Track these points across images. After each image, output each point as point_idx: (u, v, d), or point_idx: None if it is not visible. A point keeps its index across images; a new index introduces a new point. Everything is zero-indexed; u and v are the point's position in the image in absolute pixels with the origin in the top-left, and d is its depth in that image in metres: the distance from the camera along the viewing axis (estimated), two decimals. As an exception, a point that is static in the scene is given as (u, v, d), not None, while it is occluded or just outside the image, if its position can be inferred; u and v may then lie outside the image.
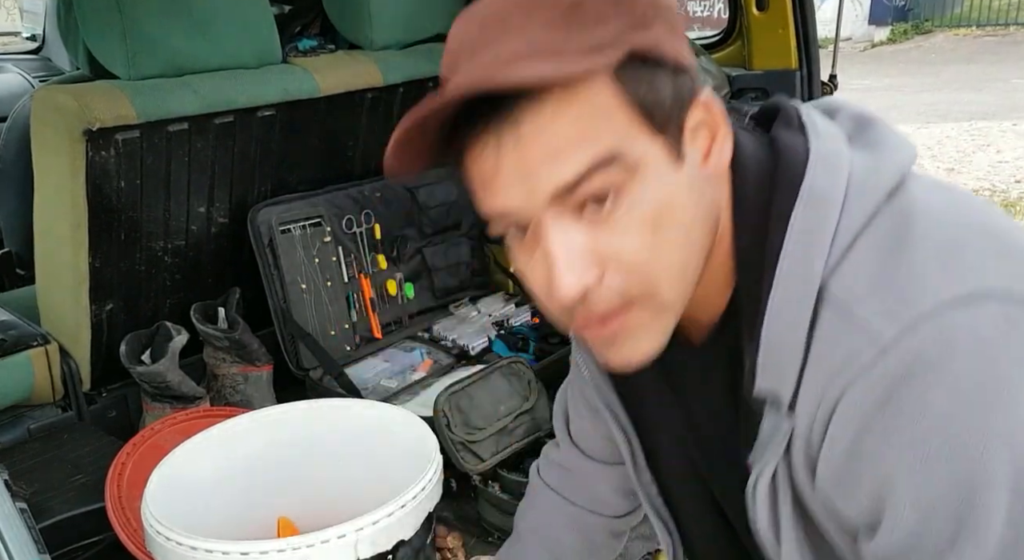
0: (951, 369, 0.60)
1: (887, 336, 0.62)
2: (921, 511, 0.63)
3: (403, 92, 2.28)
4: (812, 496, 0.71)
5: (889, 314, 0.63)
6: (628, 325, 0.70)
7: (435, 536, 1.34)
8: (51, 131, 1.70)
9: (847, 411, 0.64)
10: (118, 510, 1.45)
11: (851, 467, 0.66)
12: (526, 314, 2.44)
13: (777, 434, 0.70)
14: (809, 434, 0.68)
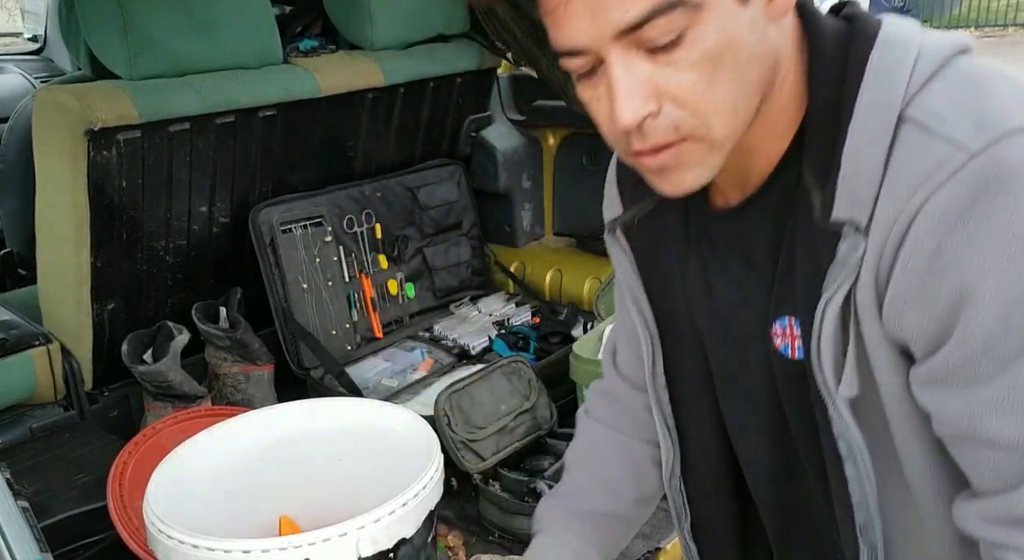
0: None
1: (976, 145, 0.65)
2: (1003, 307, 0.65)
3: (404, 92, 2.28)
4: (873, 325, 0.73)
5: (976, 129, 0.65)
6: (679, 157, 0.73)
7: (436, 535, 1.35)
8: (53, 131, 1.70)
9: (932, 215, 0.66)
10: (120, 509, 1.46)
11: (932, 272, 0.67)
12: (526, 314, 2.44)
13: (853, 255, 0.71)
14: (881, 254, 0.70)
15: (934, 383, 0.71)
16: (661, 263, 0.94)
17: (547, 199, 2.70)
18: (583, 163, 2.58)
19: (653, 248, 0.94)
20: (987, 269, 0.65)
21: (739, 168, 0.80)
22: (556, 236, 2.71)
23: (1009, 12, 13.04)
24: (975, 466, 0.72)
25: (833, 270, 0.73)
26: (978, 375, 0.68)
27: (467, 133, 2.56)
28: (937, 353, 0.70)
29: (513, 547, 1.64)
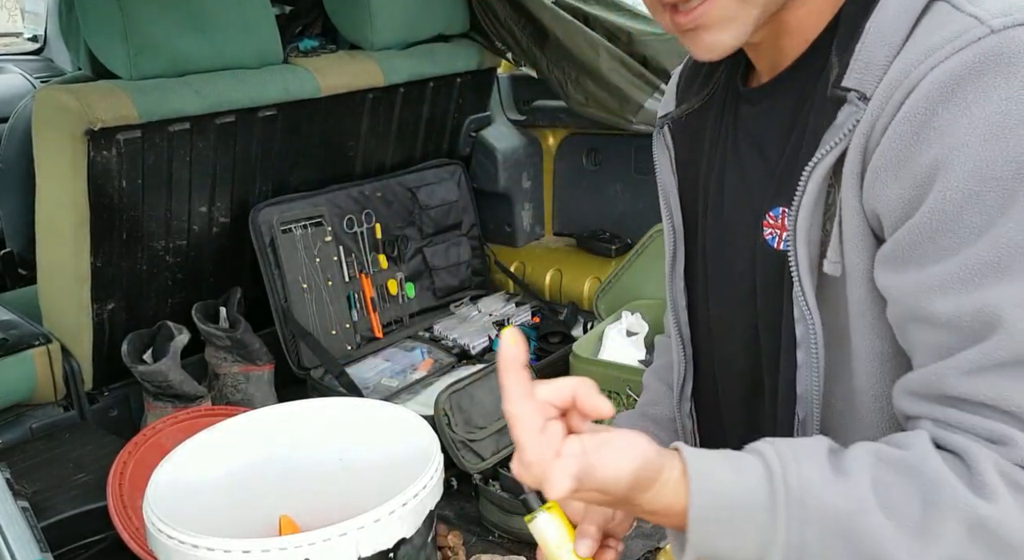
0: None
1: (998, 23, 0.66)
2: (976, 183, 0.66)
3: (404, 92, 2.28)
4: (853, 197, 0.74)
5: (1003, 12, 0.67)
6: (711, 14, 0.76)
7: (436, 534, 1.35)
8: (53, 131, 1.70)
9: (934, 81, 0.67)
10: (120, 509, 1.46)
11: (918, 138, 0.68)
12: (526, 314, 2.44)
13: (849, 121, 0.72)
14: (876, 119, 0.71)
15: (894, 261, 0.72)
16: (693, 164, 0.96)
17: (547, 199, 2.70)
18: (583, 163, 2.58)
19: (690, 148, 0.96)
20: (971, 142, 0.66)
21: (775, 46, 0.82)
22: (556, 236, 2.71)
23: (1009, 12, 13.02)
24: (915, 348, 0.72)
25: (828, 135, 0.74)
26: (935, 251, 0.69)
27: (467, 133, 2.56)
28: (903, 226, 0.70)
29: (513, 547, 1.64)
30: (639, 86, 2.22)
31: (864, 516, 0.67)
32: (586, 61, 2.24)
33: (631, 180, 2.47)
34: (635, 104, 2.22)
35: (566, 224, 2.68)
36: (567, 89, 2.32)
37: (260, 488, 1.40)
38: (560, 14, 2.28)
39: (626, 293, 2.17)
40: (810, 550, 0.68)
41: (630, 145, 2.43)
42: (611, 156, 2.50)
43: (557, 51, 2.29)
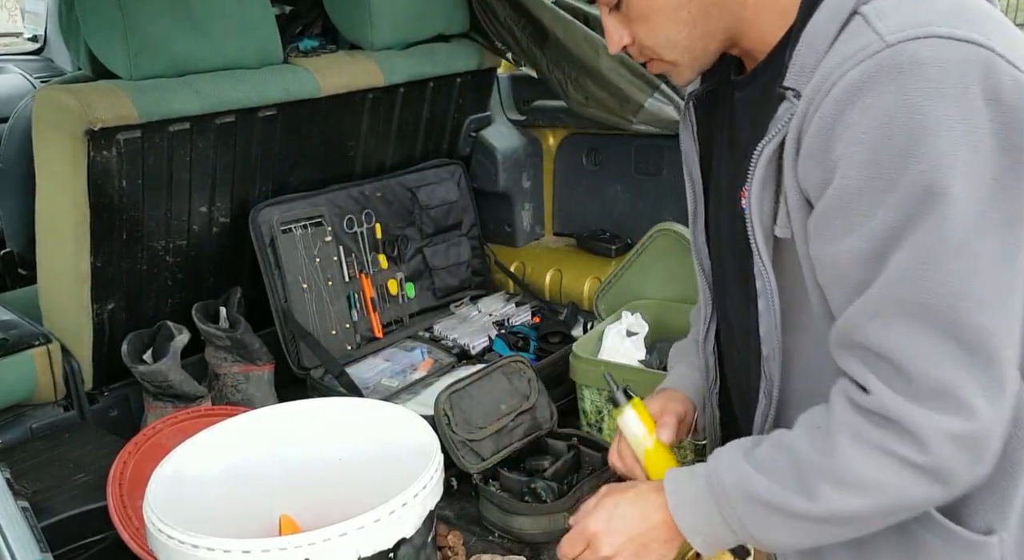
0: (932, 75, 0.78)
1: (893, 38, 0.80)
2: (869, 170, 0.81)
3: (404, 92, 2.28)
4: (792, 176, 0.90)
5: (900, 27, 0.81)
6: (660, 67, 1.04)
7: (436, 534, 1.35)
8: (53, 131, 1.70)
9: (842, 87, 0.82)
10: (120, 509, 1.46)
11: (830, 134, 0.83)
12: (526, 314, 2.44)
13: (786, 114, 0.89)
14: (805, 116, 0.86)
15: (814, 234, 0.89)
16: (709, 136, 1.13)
17: (547, 199, 2.70)
18: (583, 163, 2.58)
19: (707, 122, 1.13)
20: (865, 139, 0.81)
21: (745, 54, 1.01)
22: (556, 236, 2.71)
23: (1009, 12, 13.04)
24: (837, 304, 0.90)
25: (771, 124, 0.91)
26: (841, 227, 0.85)
27: (467, 133, 2.57)
28: (817, 205, 0.87)
29: (513, 547, 1.64)
30: (639, 86, 2.22)
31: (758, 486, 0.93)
32: (586, 61, 2.24)
33: (631, 180, 2.47)
34: (635, 104, 2.22)
35: (566, 224, 2.68)
36: (567, 89, 2.32)
37: (260, 488, 1.40)
38: (560, 14, 2.28)
39: (626, 293, 2.17)
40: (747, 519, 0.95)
41: (630, 145, 2.43)
42: (611, 156, 2.50)
43: (557, 51, 2.29)
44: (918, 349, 0.82)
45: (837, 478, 0.88)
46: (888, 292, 0.83)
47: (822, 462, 0.89)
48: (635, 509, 1.05)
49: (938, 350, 0.81)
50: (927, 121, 0.78)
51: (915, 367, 0.82)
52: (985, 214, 0.80)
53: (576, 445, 1.80)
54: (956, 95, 0.78)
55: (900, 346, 0.83)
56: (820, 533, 0.93)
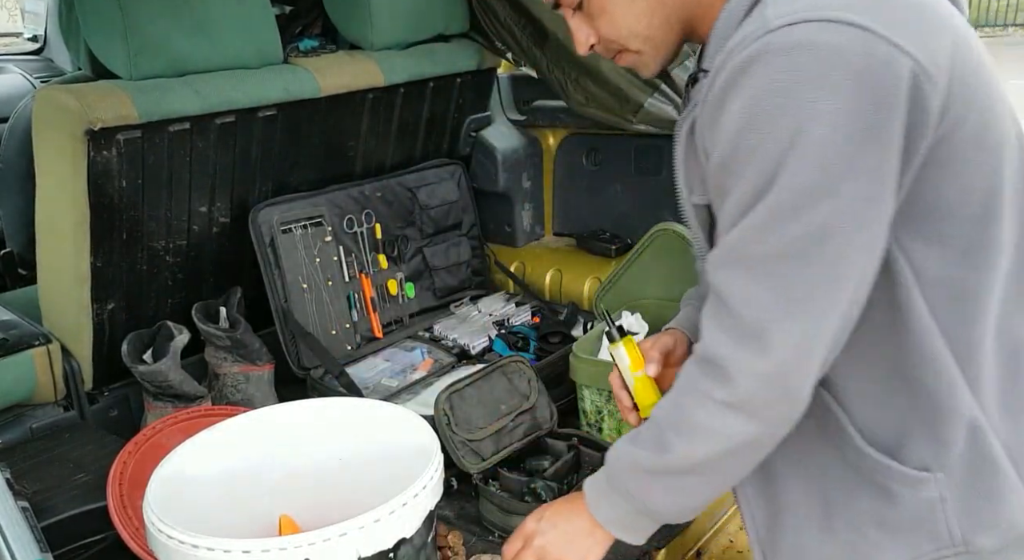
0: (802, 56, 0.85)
1: (775, 23, 0.87)
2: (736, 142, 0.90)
3: (404, 92, 2.28)
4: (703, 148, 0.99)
5: (788, 13, 0.87)
6: (627, 59, 1.12)
7: (436, 534, 1.35)
8: (53, 131, 1.70)
9: (730, 68, 0.90)
10: (120, 509, 1.46)
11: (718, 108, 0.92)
12: (526, 314, 2.45)
13: (699, 93, 0.99)
14: (710, 90, 0.94)
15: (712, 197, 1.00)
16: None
17: (547, 199, 2.70)
18: (583, 163, 2.58)
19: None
20: (737, 117, 0.89)
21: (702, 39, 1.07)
22: (556, 236, 2.71)
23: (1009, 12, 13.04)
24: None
25: (688, 103, 1.03)
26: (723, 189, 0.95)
27: (467, 133, 2.57)
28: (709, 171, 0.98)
29: (513, 547, 1.64)
30: (639, 86, 2.22)
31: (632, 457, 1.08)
32: (586, 61, 2.24)
33: (631, 180, 2.47)
34: (635, 104, 2.22)
35: (566, 224, 2.68)
36: (567, 89, 2.32)
37: (260, 488, 1.40)
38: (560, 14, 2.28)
39: (626, 293, 2.17)
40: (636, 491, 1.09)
41: (630, 145, 2.43)
42: (611, 156, 2.50)
43: (557, 51, 2.29)
44: (745, 294, 0.93)
45: (678, 428, 1.02)
46: (735, 244, 0.94)
47: (670, 417, 1.04)
48: (565, 506, 1.21)
49: (760, 296, 0.92)
50: (789, 100, 0.85)
51: (739, 310, 0.93)
52: (835, 187, 0.87)
53: (576, 445, 1.80)
54: (822, 75, 0.84)
55: (732, 291, 0.94)
56: (693, 486, 1.06)
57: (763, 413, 0.96)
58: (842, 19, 0.85)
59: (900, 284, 0.95)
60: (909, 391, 0.98)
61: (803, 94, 0.85)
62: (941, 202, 0.93)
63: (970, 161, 0.93)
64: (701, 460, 1.02)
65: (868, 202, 0.88)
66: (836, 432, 1.03)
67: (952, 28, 0.93)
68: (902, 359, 0.98)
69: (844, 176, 0.87)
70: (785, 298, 0.91)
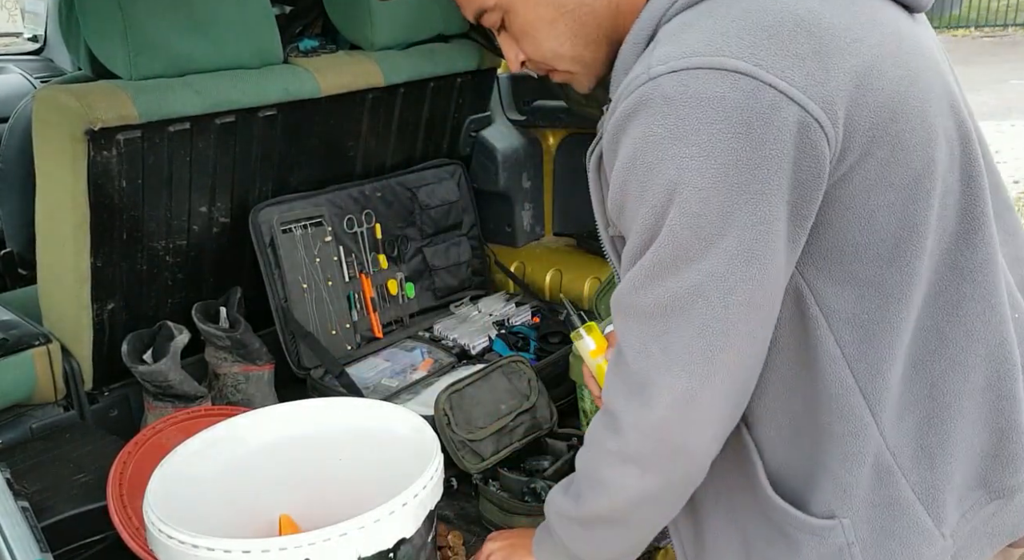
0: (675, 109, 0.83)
1: (656, 71, 0.85)
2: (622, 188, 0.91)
3: (404, 92, 2.28)
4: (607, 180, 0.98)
5: (666, 58, 0.86)
6: (562, 77, 1.10)
7: (436, 534, 1.35)
8: (53, 131, 1.70)
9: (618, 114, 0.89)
10: (120, 509, 1.46)
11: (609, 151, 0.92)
12: (526, 314, 2.45)
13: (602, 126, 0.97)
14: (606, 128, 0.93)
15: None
16: None
17: (547, 199, 2.70)
18: (583, 163, 2.57)
19: None
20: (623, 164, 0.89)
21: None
22: (556, 236, 2.71)
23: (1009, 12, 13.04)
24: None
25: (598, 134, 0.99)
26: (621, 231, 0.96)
27: (467, 133, 2.57)
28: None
29: (513, 547, 1.64)
30: (639, 86, 2.21)
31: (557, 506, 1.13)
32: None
33: (631, 180, 2.47)
34: (635, 104, 2.22)
35: (566, 224, 2.68)
36: (567, 89, 2.32)
37: (260, 488, 1.41)
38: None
39: (626, 293, 2.17)
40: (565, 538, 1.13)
41: (630, 145, 2.43)
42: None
43: (557, 51, 2.29)
44: (635, 344, 0.93)
45: (587, 479, 1.05)
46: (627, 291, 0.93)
47: (582, 467, 1.07)
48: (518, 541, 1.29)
49: (648, 348, 0.91)
50: (666, 154, 0.84)
51: (630, 360, 0.94)
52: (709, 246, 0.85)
53: (576, 445, 1.80)
54: (698, 129, 0.82)
55: (626, 339, 0.95)
56: (607, 536, 1.08)
57: (656, 466, 0.97)
58: (725, 66, 0.82)
59: (810, 323, 0.92)
60: (816, 434, 0.96)
61: (680, 149, 0.83)
62: (846, 243, 0.90)
63: (875, 201, 0.89)
64: (607, 511, 1.04)
65: (749, 258, 0.85)
66: (752, 475, 1.01)
67: (868, 48, 0.87)
68: (812, 400, 0.95)
69: (721, 233, 0.84)
70: (667, 353, 0.90)
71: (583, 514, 1.07)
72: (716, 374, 0.89)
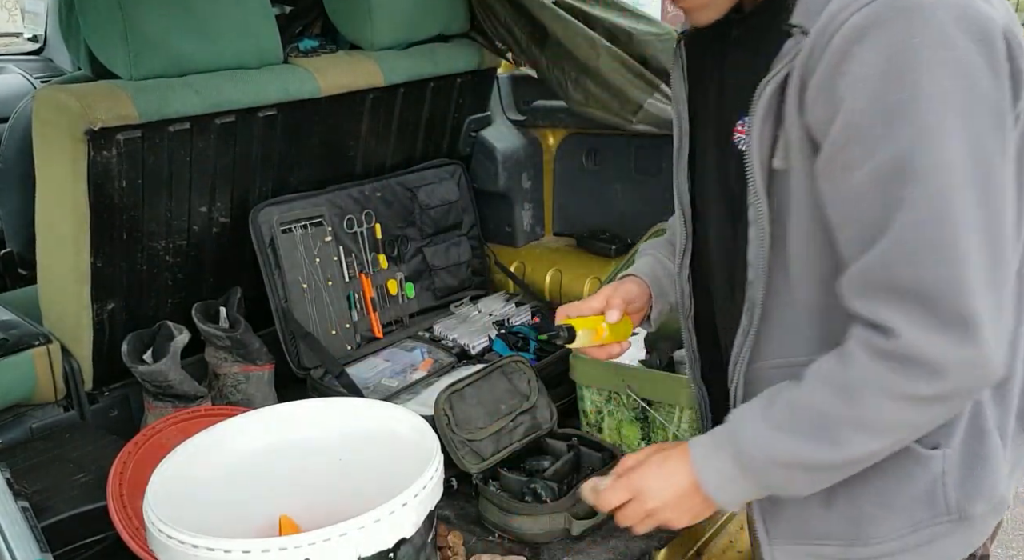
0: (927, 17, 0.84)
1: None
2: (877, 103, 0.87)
3: (404, 92, 2.28)
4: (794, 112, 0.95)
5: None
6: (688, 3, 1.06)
7: (436, 534, 1.35)
8: (53, 131, 1.70)
9: (850, 27, 0.87)
10: (120, 509, 1.46)
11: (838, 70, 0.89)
12: (526, 314, 2.44)
13: (791, 50, 0.94)
14: (811, 53, 0.91)
15: (822, 171, 0.94)
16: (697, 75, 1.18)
17: (547, 199, 2.70)
18: (583, 163, 2.58)
19: (698, 61, 1.18)
20: (873, 74, 0.87)
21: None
22: (556, 236, 2.71)
23: (1009, 12, 12.99)
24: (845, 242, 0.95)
25: (776, 60, 0.95)
26: (849, 161, 0.90)
27: (467, 133, 2.56)
28: (825, 141, 0.92)
29: (513, 547, 1.64)
30: (639, 86, 2.22)
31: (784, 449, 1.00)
32: (586, 61, 2.24)
33: (631, 180, 2.47)
34: (635, 104, 2.22)
35: (566, 224, 2.68)
36: (567, 89, 2.32)
37: (260, 488, 1.40)
38: (560, 14, 2.28)
39: (626, 293, 2.17)
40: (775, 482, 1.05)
41: (630, 145, 2.43)
42: (611, 156, 2.50)
43: (557, 51, 2.29)
44: (943, 282, 0.88)
45: (861, 425, 0.96)
46: (910, 232, 0.88)
47: (846, 413, 0.96)
48: (683, 465, 1.10)
49: (961, 281, 0.87)
50: (924, 60, 0.85)
51: (941, 299, 0.88)
52: (984, 144, 0.87)
53: (576, 445, 1.80)
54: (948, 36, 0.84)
55: (926, 281, 0.88)
56: (838, 476, 1.02)
57: (966, 397, 0.98)
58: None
59: None
60: None
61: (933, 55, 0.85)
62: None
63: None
64: (871, 453, 0.99)
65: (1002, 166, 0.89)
66: None
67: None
68: None
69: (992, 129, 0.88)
70: (977, 274, 0.88)
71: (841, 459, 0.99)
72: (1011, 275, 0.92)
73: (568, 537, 1.63)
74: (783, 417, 1.01)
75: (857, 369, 0.95)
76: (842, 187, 0.93)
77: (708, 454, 1.08)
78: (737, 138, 1.05)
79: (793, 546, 1.15)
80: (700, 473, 1.08)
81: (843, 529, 1.09)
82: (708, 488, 1.08)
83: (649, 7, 6.13)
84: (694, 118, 1.20)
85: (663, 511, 1.12)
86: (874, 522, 1.07)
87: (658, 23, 2.39)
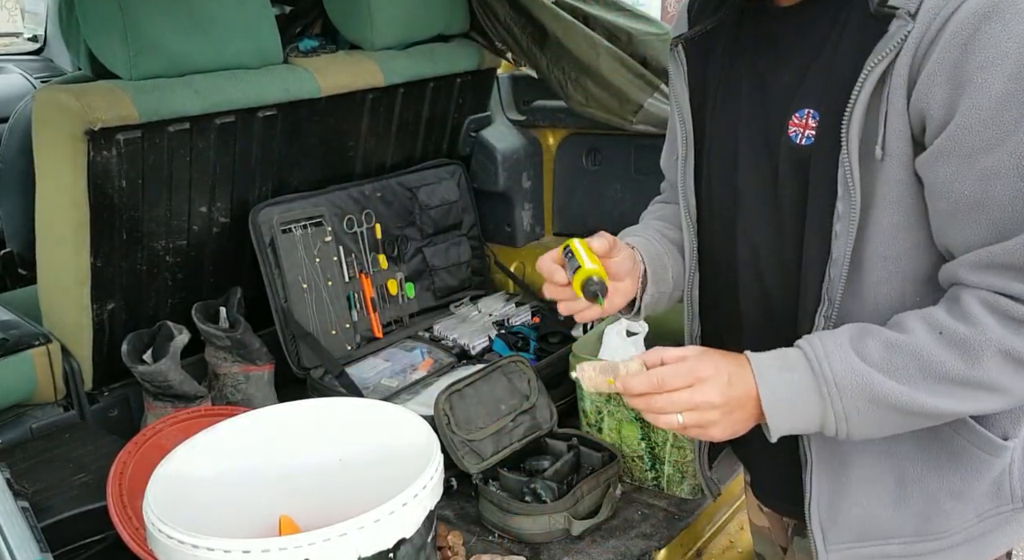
0: None
1: None
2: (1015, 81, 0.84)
3: (404, 92, 2.28)
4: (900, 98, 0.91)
5: None
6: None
7: (436, 534, 1.35)
8: (53, 131, 1.70)
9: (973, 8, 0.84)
10: (120, 509, 1.46)
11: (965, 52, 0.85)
12: (526, 314, 2.44)
13: (900, 32, 0.89)
14: (922, 38, 0.87)
15: (943, 155, 0.89)
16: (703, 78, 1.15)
17: (547, 199, 2.70)
18: (583, 163, 2.58)
19: (702, 63, 1.15)
20: (1009, 51, 0.84)
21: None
22: (556, 236, 2.71)
23: (1009, 12, 12.99)
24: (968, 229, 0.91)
25: (881, 44, 0.90)
26: (981, 143, 0.87)
27: (467, 133, 2.57)
28: (951, 123, 0.87)
29: (513, 547, 1.64)
30: (639, 86, 2.22)
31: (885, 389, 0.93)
32: (586, 61, 2.24)
33: (631, 180, 2.47)
34: (635, 104, 2.22)
35: (566, 224, 2.68)
36: (567, 89, 2.32)
37: (260, 488, 1.40)
38: (560, 14, 2.28)
39: (626, 293, 2.17)
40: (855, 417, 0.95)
41: (630, 145, 2.43)
42: (611, 156, 2.50)
43: (557, 51, 2.29)
44: None
45: (978, 385, 0.92)
46: None
47: (964, 372, 0.92)
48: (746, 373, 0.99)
49: None
50: None
51: None
52: None
53: (576, 445, 1.80)
54: None
55: None
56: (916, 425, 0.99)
57: None
58: None
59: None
60: None
61: None
62: None
63: None
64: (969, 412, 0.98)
65: None
66: None
67: None
68: None
69: None
70: None
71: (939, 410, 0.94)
72: None
73: (568, 537, 1.64)
74: (880, 357, 0.94)
75: (979, 328, 0.91)
76: (965, 171, 0.89)
77: (779, 370, 0.98)
78: (794, 132, 1.00)
79: (855, 549, 1.11)
80: (764, 384, 0.98)
81: (913, 525, 1.08)
82: (768, 403, 0.97)
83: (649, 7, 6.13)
84: (703, 124, 1.16)
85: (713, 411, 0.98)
86: (945, 516, 1.07)
87: (658, 23, 2.39)
